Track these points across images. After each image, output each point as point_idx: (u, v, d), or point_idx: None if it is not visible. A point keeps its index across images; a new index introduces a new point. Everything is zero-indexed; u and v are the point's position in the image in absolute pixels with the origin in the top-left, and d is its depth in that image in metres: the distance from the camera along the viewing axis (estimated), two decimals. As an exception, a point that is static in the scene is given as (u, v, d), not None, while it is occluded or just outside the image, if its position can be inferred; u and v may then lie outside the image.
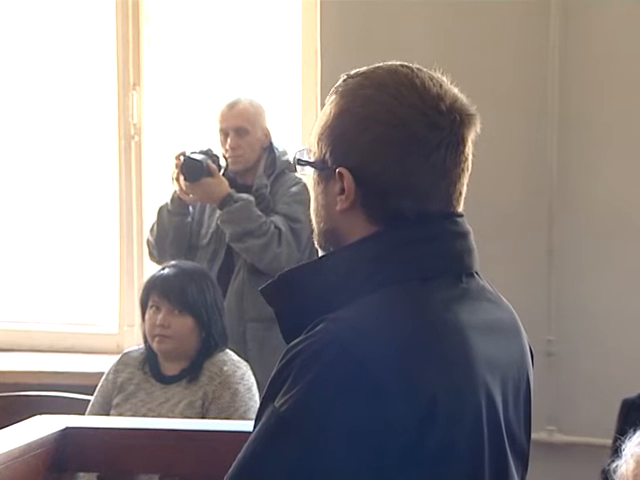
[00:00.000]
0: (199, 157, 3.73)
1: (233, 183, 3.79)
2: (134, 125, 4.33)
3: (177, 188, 3.78)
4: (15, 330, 4.49)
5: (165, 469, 2.69)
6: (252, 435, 1.48)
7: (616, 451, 2.33)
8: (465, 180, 1.59)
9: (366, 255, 1.53)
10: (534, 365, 1.68)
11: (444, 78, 1.59)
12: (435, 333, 1.49)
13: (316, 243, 1.63)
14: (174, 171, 3.75)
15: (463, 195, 1.60)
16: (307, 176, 1.65)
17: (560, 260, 3.89)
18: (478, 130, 1.60)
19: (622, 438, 2.31)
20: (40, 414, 2.74)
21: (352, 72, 1.61)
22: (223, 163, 3.81)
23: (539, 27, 3.87)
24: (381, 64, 1.61)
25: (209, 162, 3.74)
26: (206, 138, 3.96)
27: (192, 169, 3.70)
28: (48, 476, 2.59)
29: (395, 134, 1.53)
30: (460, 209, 1.59)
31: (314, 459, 1.42)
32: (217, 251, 3.81)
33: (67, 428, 2.65)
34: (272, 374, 1.50)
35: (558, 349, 3.88)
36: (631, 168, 3.87)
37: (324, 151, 1.57)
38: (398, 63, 1.60)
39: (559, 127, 3.87)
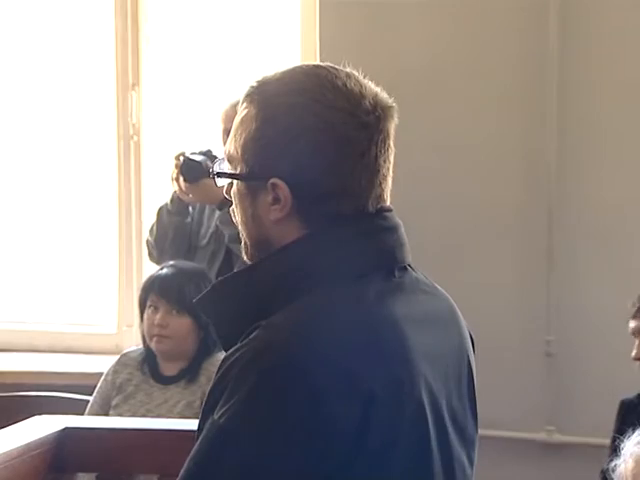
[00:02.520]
0: (199, 158, 3.73)
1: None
2: (133, 125, 4.33)
3: (176, 188, 3.77)
4: (14, 330, 4.49)
5: (164, 469, 2.69)
6: (194, 448, 1.48)
7: (614, 451, 2.34)
8: (391, 172, 1.59)
9: (296, 258, 1.53)
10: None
11: (357, 73, 1.57)
12: (370, 329, 1.49)
13: (245, 256, 1.61)
14: (173, 171, 3.74)
15: (390, 187, 1.59)
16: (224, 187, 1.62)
17: (559, 262, 3.90)
18: (396, 120, 1.58)
19: (620, 438, 2.32)
20: (39, 414, 2.74)
21: (263, 77, 1.60)
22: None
23: (538, 31, 3.88)
24: (293, 66, 1.60)
25: (209, 163, 3.74)
26: (206, 138, 3.97)
27: (191, 170, 3.70)
28: (47, 476, 2.59)
29: (326, 139, 1.52)
30: (388, 202, 1.59)
31: (255, 468, 1.42)
32: (216, 252, 3.81)
33: (66, 428, 2.65)
34: (210, 384, 1.51)
35: (557, 350, 3.88)
36: (629, 171, 3.87)
37: (251, 163, 1.55)
38: (312, 64, 1.59)
39: (558, 131, 3.88)
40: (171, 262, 3.60)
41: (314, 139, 1.52)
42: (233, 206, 1.61)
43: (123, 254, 4.39)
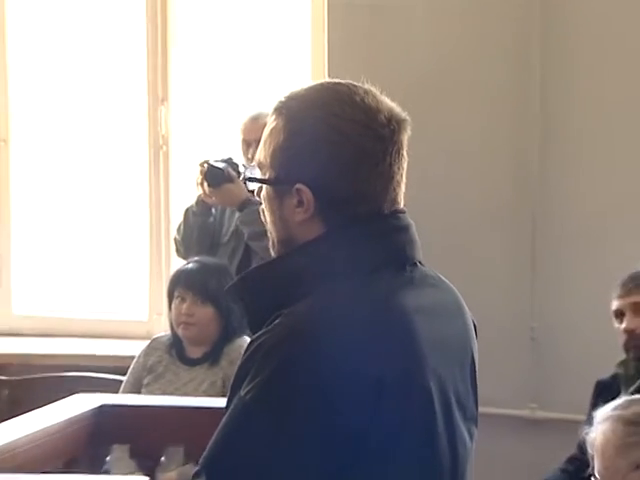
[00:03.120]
0: (221, 165, 3.73)
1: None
2: (162, 136, 4.33)
3: (201, 192, 3.77)
4: (57, 318, 4.49)
5: (190, 441, 2.69)
6: (222, 422, 1.48)
7: (589, 423, 2.35)
8: (404, 177, 1.59)
9: (317, 253, 1.52)
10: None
11: (375, 89, 1.57)
12: (382, 320, 1.48)
13: (272, 251, 1.61)
14: (198, 177, 3.75)
15: (403, 191, 1.59)
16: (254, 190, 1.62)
17: (543, 257, 3.89)
18: (409, 132, 1.58)
19: (594, 414, 2.33)
20: (78, 393, 2.77)
21: (290, 93, 1.59)
22: (242, 170, 3.81)
23: (523, 36, 3.85)
24: (317, 83, 1.60)
25: (229, 169, 3.74)
26: (227, 148, 3.96)
27: (214, 176, 3.70)
28: (86, 448, 2.61)
29: (345, 150, 1.52)
30: (402, 205, 1.59)
31: (277, 439, 1.41)
32: (236, 248, 3.81)
33: (103, 405, 2.67)
34: (238, 365, 1.50)
35: (540, 335, 3.87)
36: (609, 173, 3.85)
37: (279, 170, 1.55)
38: (334, 81, 1.59)
39: (541, 135, 3.86)
40: (196, 258, 3.60)
41: (334, 149, 1.52)
42: (263, 206, 1.60)
43: (153, 250, 4.39)
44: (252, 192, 1.64)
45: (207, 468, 1.46)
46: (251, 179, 1.60)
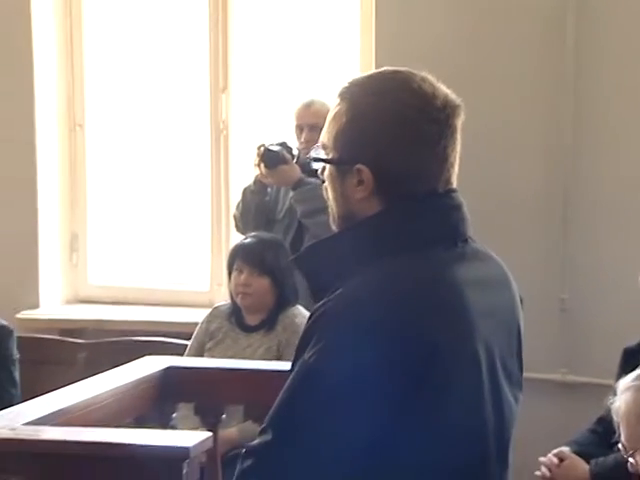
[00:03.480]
0: (276, 148, 3.74)
1: (305, 169, 3.79)
2: (223, 121, 4.34)
3: (258, 173, 3.79)
4: (128, 287, 4.52)
5: (248, 400, 2.73)
6: (287, 383, 1.48)
7: (615, 392, 2.33)
8: (457, 159, 1.58)
9: (377, 228, 1.52)
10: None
11: (432, 77, 1.57)
12: (435, 289, 1.49)
13: (334, 226, 1.60)
14: (255, 159, 3.76)
15: (456, 172, 1.58)
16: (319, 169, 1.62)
17: (574, 229, 3.84)
18: (463, 117, 1.57)
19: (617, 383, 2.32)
20: (147, 356, 2.78)
21: (354, 79, 1.59)
22: (296, 152, 3.83)
23: (556, 25, 3.80)
24: (378, 71, 1.60)
25: (284, 152, 3.75)
26: (282, 132, 3.97)
27: (270, 158, 3.71)
28: (154, 406, 2.63)
29: (403, 133, 1.52)
30: (454, 185, 1.58)
31: (337, 396, 1.42)
32: (290, 225, 3.81)
33: (169, 367, 2.68)
34: (302, 332, 1.52)
35: (570, 306, 3.85)
36: (638, 156, 3.81)
37: (341, 151, 1.55)
38: (393, 69, 1.58)
39: (574, 113, 3.80)
40: (253, 233, 3.62)
41: (392, 132, 1.52)
42: (325, 184, 1.60)
43: (214, 226, 4.40)
44: (316, 171, 1.63)
45: (273, 425, 1.46)
46: (316, 159, 1.60)
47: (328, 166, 1.58)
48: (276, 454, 1.45)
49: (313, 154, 1.61)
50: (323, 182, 1.61)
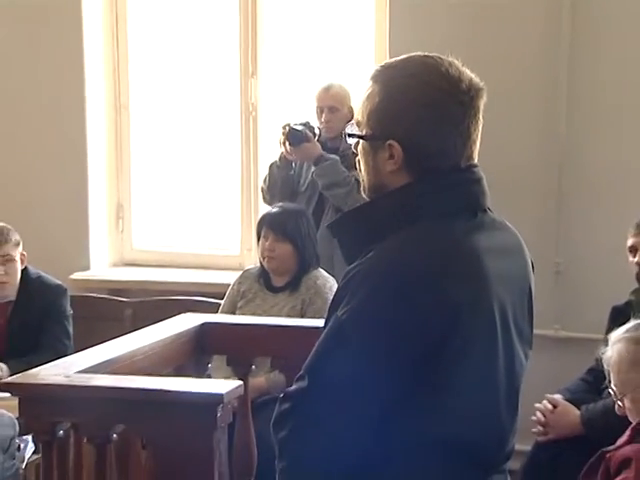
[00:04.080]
0: (299, 127, 3.73)
1: (325, 146, 3.78)
2: (252, 104, 4.32)
3: (283, 150, 3.79)
4: (168, 252, 4.52)
5: (275, 353, 2.72)
6: (321, 337, 1.49)
7: (606, 344, 2.33)
8: (479, 137, 1.57)
9: (405, 198, 1.51)
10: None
11: (458, 62, 1.55)
12: (458, 255, 1.47)
13: (365, 195, 1.59)
14: (281, 137, 3.75)
15: (477, 148, 1.57)
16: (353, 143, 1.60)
17: (567, 201, 3.82)
18: (485, 99, 1.56)
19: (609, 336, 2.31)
20: (185, 313, 2.80)
21: (386, 63, 1.58)
22: (317, 132, 3.81)
23: (551, 13, 3.74)
24: (409, 56, 1.57)
25: (307, 131, 3.73)
26: (305, 113, 3.95)
27: (294, 136, 3.70)
28: (191, 357, 2.65)
29: (431, 113, 1.51)
30: (475, 160, 1.57)
31: (366, 349, 1.42)
32: (312, 196, 3.81)
33: (205, 323, 2.70)
34: (335, 290, 1.52)
35: (564, 269, 3.84)
36: (630, 123, 3.75)
37: (374, 128, 1.53)
38: (423, 54, 1.56)
39: (567, 94, 3.76)
40: (279, 204, 3.62)
41: (421, 112, 1.50)
42: (358, 158, 1.58)
43: (244, 198, 4.39)
44: (351, 146, 1.61)
45: (308, 374, 1.46)
46: (351, 135, 1.58)
47: (361, 141, 1.57)
48: (310, 399, 1.45)
49: (348, 130, 1.60)
50: (355, 155, 1.60)
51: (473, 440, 1.48)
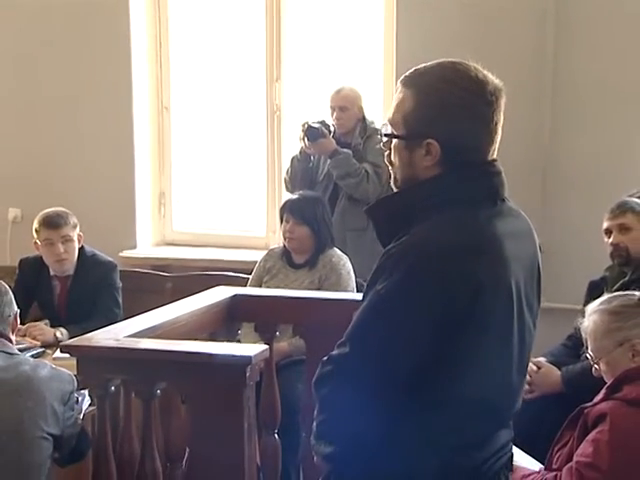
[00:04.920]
0: (316, 125, 3.72)
1: (338, 141, 3.77)
2: (276, 105, 4.30)
3: (303, 145, 3.78)
4: (204, 233, 4.52)
5: (296, 321, 2.73)
6: (360, 309, 1.48)
7: (583, 314, 2.31)
8: (500, 134, 1.55)
9: (437, 187, 1.49)
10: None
11: (480, 66, 1.53)
12: (481, 238, 1.47)
13: (395, 187, 1.56)
14: (301, 134, 3.75)
15: (497, 145, 1.56)
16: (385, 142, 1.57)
17: (551, 193, 3.79)
18: (505, 98, 1.54)
19: (587, 307, 2.29)
20: (218, 286, 2.80)
21: (416, 70, 1.53)
22: (332, 129, 3.80)
23: (537, 18, 3.66)
24: (439, 62, 1.54)
25: (323, 128, 3.72)
26: (322, 112, 3.93)
27: (312, 133, 3.69)
28: (223, 324, 2.65)
29: (465, 114, 1.49)
30: (495, 155, 1.56)
31: (401, 320, 1.42)
32: (328, 185, 3.80)
33: (235, 295, 2.70)
34: (373, 269, 1.49)
35: (547, 249, 3.74)
36: (606, 127, 3.71)
37: (412, 128, 1.50)
38: (451, 60, 1.52)
39: (552, 95, 3.72)
40: (299, 192, 3.61)
41: (454, 113, 1.48)
42: (391, 152, 1.54)
43: (270, 186, 4.38)
44: (384, 142, 1.56)
45: (350, 340, 1.46)
46: (387, 135, 1.54)
47: (395, 139, 1.53)
48: (351, 363, 1.45)
49: (384, 130, 1.56)
50: (384, 151, 1.56)
51: (490, 400, 1.49)
